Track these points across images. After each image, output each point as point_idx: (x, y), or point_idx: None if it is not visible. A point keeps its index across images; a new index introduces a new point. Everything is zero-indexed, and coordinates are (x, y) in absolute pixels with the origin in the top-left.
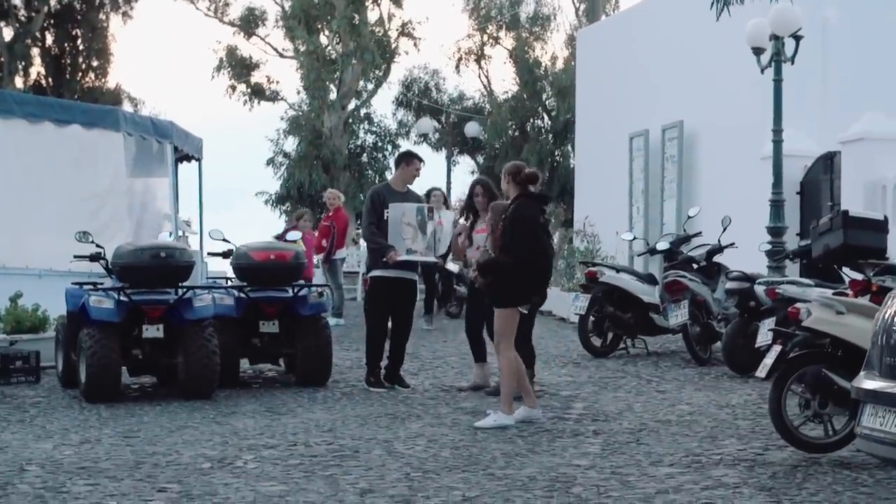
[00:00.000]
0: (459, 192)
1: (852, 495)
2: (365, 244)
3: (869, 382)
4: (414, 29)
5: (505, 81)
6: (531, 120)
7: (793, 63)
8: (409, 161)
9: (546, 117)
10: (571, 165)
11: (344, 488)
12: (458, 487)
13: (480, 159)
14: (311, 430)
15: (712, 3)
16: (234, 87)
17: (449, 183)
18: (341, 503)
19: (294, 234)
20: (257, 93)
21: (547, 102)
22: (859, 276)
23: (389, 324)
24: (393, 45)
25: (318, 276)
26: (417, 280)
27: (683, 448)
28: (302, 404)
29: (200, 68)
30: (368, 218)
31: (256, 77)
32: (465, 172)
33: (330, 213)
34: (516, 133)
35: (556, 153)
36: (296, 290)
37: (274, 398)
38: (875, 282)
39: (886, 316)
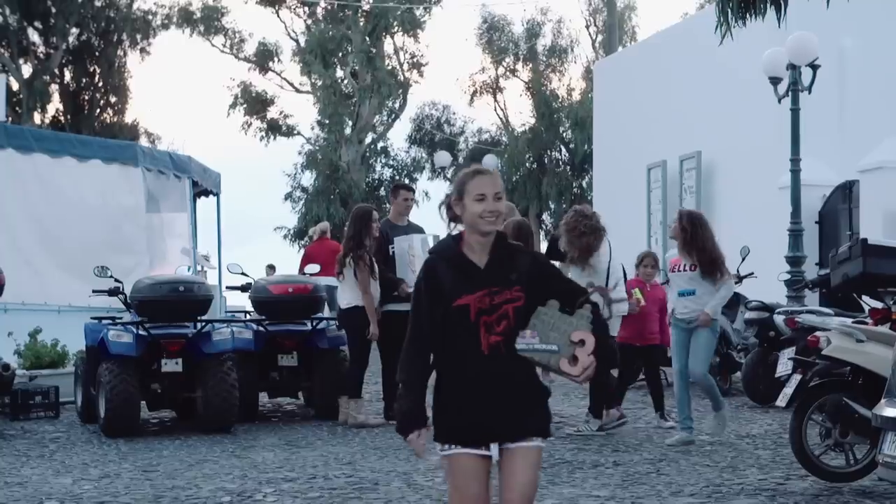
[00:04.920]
0: None
1: None
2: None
3: (890, 410)
4: (426, 63)
5: (522, 114)
6: (549, 152)
7: (810, 92)
8: (396, 193)
9: (564, 149)
10: (590, 197)
11: None
12: None
13: None
14: (330, 463)
15: (716, 28)
16: (249, 124)
17: None
18: None
19: (313, 268)
20: (273, 128)
21: (564, 134)
22: (879, 305)
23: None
24: (406, 76)
25: None
26: None
27: (704, 478)
28: (321, 437)
29: (217, 103)
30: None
31: (272, 112)
32: None
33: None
34: (534, 165)
35: (575, 185)
36: (314, 324)
37: (293, 431)
38: (895, 310)
39: None
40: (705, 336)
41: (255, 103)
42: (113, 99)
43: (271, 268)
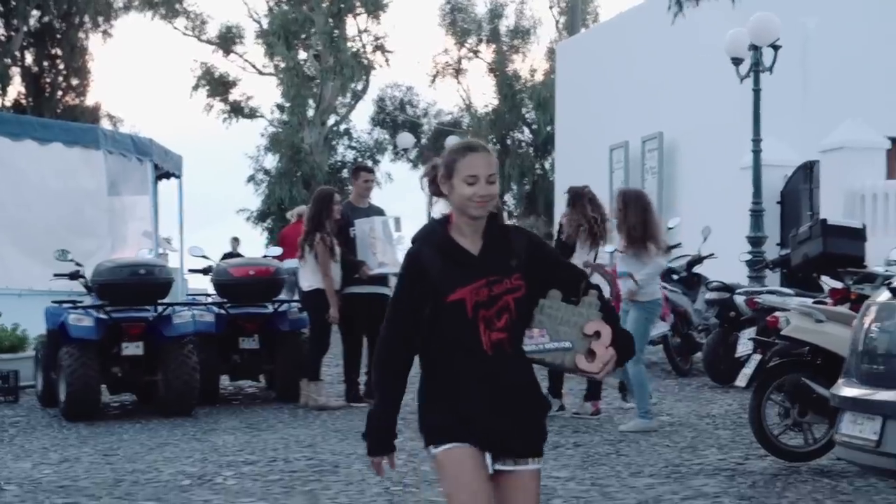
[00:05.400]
0: (439, 206)
1: (832, 503)
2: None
3: (847, 390)
4: (389, 45)
5: (485, 95)
6: (511, 133)
7: (772, 73)
8: (357, 175)
9: (527, 130)
10: (552, 178)
11: (324, 503)
12: (437, 501)
13: None
14: (290, 446)
15: (668, 7)
16: (211, 105)
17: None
18: None
19: (276, 251)
20: (236, 110)
21: (527, 115)
22: (839, 285)
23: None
24: (370, 59)
25: None
26: (390, 293)
27: (663, 458)
28: (282, 420)
29: (179, 86)
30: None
31: (234, 94)
32: None
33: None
34: (497, 146)
35: (537, 166)
36: (276, 306)
37: (254, 414)
38: (854, 290)
39: (864, 324)
40: (633, 316)
41: (218, 85)
42: (75, 82)
43: (235, 240)
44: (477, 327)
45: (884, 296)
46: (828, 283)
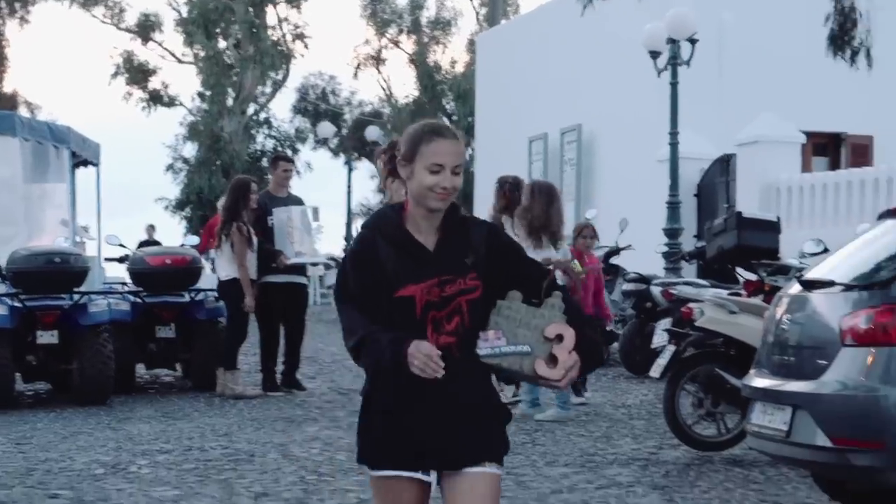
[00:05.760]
0: (359, 196)
1: (743, 492)
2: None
3: (758, 380)
4: (309, 34)
5: (405, 86)
6: None
7: (689, 66)
8: (276, 164)
9: (446, 121)
10: (472, 169)
11: (238, 492)
12: (352, 490)
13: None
14: (206, 435)
15: None
16: (130, 94)
17: (349, 187)
18: None
19: (193, 240)
20: (155, 98)
21: (447, 106)
22: (753, 277)
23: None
24: (290, 48)
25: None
26: (308, 283)
27: (578, 448)
28: (198, 409)
29: (98, 74)
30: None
31: (153, 83)
32: (364, 177)
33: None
34: None
35: None
36: (192, 295)
37: (170, 403)
38: (767, 282)
39: (775, 315)
40: None
41: (137, 73)
42: None
43: (151, 227)
44: (424, 329)
45: (794, 288)
46: (743, 274)
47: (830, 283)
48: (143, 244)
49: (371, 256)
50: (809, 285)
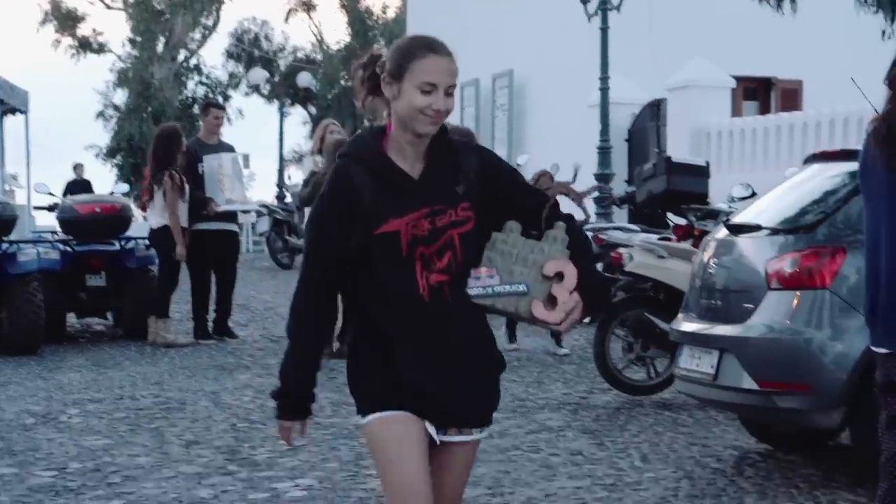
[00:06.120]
0: (291, 142)
1: (673, 435)
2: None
3: (686, 324)
4: None
5: (337, 31)
6: None
7: (619, 11)
8: (206, 111)
9: None
10: None
11: (169, 440)
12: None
13: (313, 110)
14: (137, 384)
15: None
16: (59, 41)
17: (281, 133)
18: (166, 455)
19: (123, 187)
20: (84, 45)
21: None
22: (682, 221)
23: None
24: None
25: None
26: (239, 231)
27: (510, 393)
28: (129, 357)
29: (25, 21)
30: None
31: (83, 29)
32: (297, 123)
33: None
34: (348, 83)
35: None
36: (123, 243)
37: (101, 352)
38: (697, 226)
39: (703, 259)
40: None
41: (66, 20)
42: None
43: (80, 166)
44: (413, 268)
45: (721, 232)
46: (672, 219)
47: (757, 227)
48: (71, 184)
49: (348, 189)
50: (736, 229)
